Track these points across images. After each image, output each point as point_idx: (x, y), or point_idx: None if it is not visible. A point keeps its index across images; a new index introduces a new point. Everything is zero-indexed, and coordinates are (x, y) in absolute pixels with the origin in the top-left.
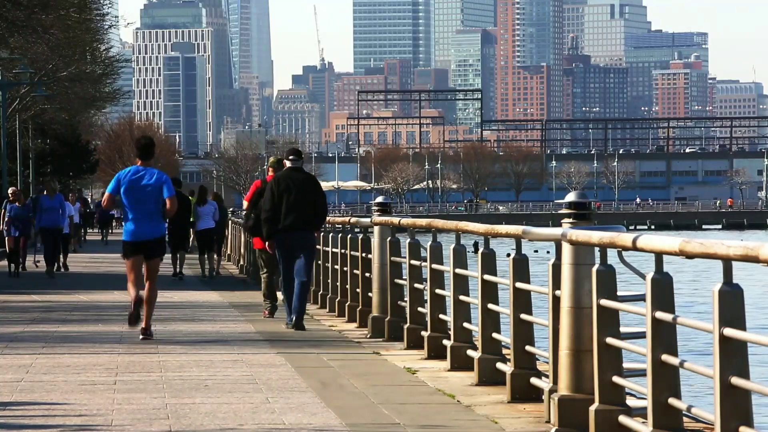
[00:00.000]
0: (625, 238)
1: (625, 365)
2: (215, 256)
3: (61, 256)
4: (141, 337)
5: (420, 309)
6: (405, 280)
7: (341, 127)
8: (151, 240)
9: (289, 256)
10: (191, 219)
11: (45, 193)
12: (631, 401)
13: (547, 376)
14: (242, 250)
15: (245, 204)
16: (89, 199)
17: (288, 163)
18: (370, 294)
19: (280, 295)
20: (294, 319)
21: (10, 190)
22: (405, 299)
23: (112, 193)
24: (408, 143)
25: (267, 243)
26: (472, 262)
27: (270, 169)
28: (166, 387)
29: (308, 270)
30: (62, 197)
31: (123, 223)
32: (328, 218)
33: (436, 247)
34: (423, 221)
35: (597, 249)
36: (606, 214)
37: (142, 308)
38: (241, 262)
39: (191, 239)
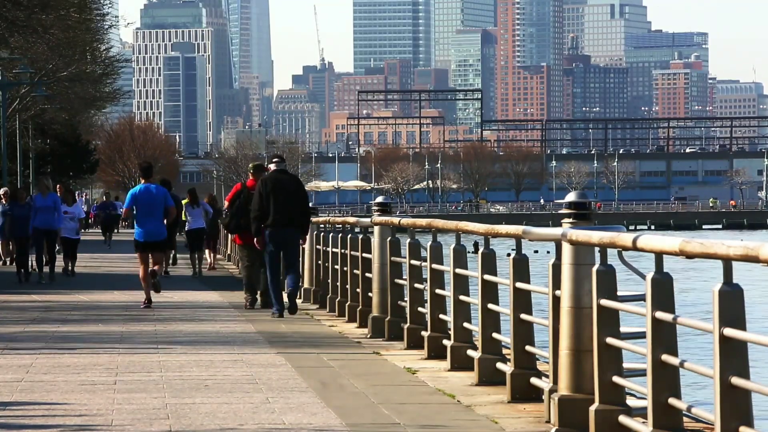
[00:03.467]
0: (625, 238)
1: (625, 365)
2: (206, 253)
3: (69, 262)
4: (142, 305)
5: (420, 309)
6: (405, 280)
7: (341, 127)
8: (156, 241)
9: (276, 251)
10: (183, 219)
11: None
12: (631, 401)
13: (547, 376)
14: None
15: (225, 204)
16: (84, 199)
17: (273, 166)
18: (370, 294)
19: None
20: (289, 307)
21: (1, 191)
22: (405, 299)
23: (129, 208)
24: (408, 143)
25: (255, 239)
26: (472, 262)
27: (250, 173)
28: (166, 387)
29: (296, 265)
30: (57, 196)
31: (135, 226)
32: (328, 218)
33: (436, 247)
34: (423, 221)
35: (597, 249)
36: (606, 214)
37: (152, 289)
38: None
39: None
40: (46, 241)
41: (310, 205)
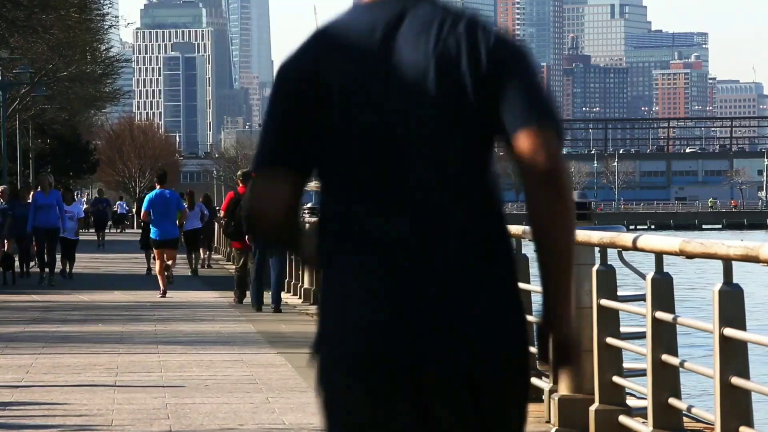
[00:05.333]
0: (625, 238)
1: (625, 365)
2: (201, 252)
3: (68, 263)
4: (159, 296)
5: None
6: None
7: None
8: (169, 239)
9: (264, 252)
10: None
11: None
12: (631, 401)
13: (547, 376)
14: None
15: (222, 213)
16: (84, 199)
17: None
18: None
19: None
20: (274, 308)
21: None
22: None
23: (147, 209)
24: None
25: (246, 237)
26: None
27: (239, 181)
28: (166, 387)
29: (282, 263)
30: (59, 194)
31: (151, 226)
32: None
33: None
34: None
35: (597, 249)
36: (606, 214)
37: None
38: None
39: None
40: (47, 241)
41: (310, 205)
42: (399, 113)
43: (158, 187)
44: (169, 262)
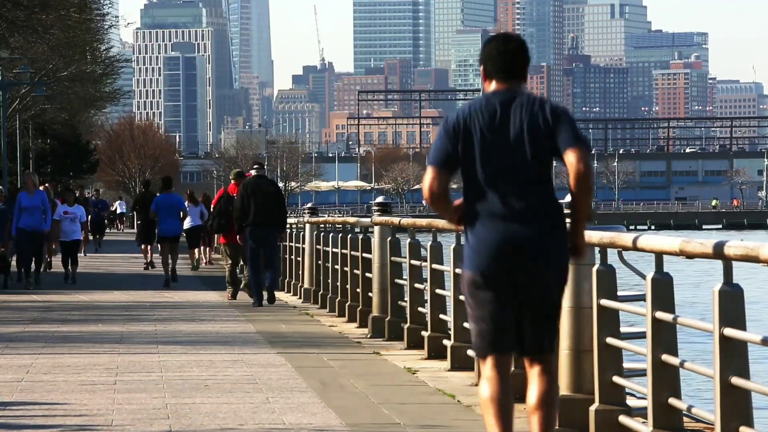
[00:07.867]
0: (625, 238)
1: (625, 365)
2: (203, 249)
3: (70, 265)
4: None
5: (420, 309)
6: (405, 280)
7: (341, 127)
8: (173, 235)
9: (256, 248)
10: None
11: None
12: (631, 401)
13: None
14: None
15: (212, 208)
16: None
17: (254, 172)
18: (370, 294)
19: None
20: (268, 297)
21: None
22: (405, 299)
23: (155, 210)
24: (408, 143)
25: (238, 236)
26: None
27: (232, 179)
28: (166, 387)
29: (275, 260)
30: (44, 195)
31: (158, 225)
32: (327, 218)
33: (437, 247)
34: (423, 221)
35: (597, 249)
36: (606, 214)
37: (170, 278)
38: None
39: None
40: (31, 245)
41: (310, 205)
42: (509, 151)
43: (164, 191)
44: (170, 259)
